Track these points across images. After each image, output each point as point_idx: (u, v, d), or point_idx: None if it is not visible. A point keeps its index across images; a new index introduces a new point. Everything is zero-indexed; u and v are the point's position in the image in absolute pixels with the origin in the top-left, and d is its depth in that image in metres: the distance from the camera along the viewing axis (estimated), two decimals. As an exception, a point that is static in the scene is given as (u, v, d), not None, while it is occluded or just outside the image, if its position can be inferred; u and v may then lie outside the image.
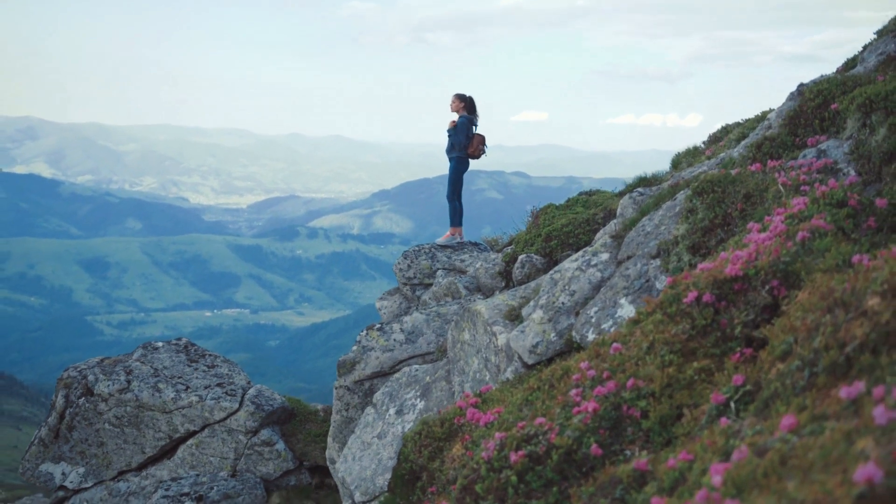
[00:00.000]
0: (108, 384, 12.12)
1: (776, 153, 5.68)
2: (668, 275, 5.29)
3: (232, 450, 11.82)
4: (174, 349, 13.20)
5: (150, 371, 12.40)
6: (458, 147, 13.27)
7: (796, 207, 4.24)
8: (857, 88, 5.44)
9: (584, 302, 5.88)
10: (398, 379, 7.78)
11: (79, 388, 12.44)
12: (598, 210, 8.91)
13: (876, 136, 4.99)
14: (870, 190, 4.95)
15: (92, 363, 12.97)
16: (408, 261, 12.40)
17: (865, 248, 3.71)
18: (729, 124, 9.65)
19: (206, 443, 11.89)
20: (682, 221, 5.38)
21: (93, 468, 12.39)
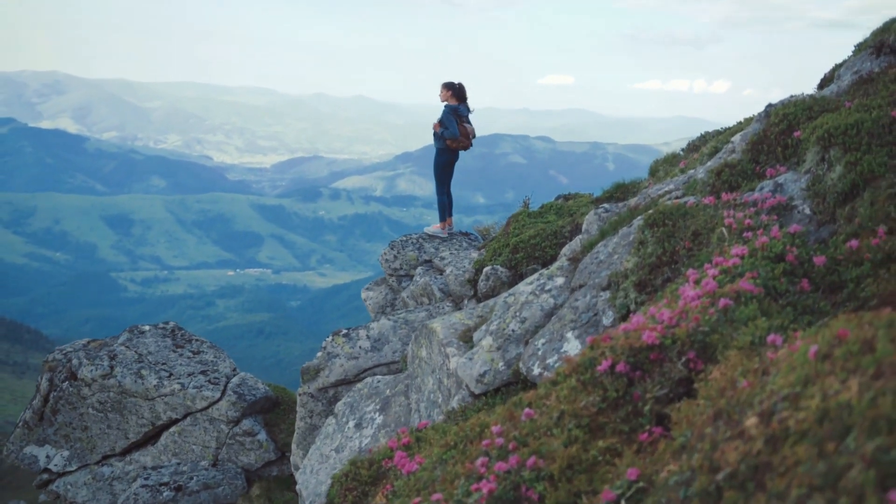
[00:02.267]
0: (91, 369, 12.08)
1: (735, 182, 5.41)
2: (614, 311, 5.07)
3: (214, 438, 11.77)
4: (161, 333, 13.13)
5: (135, 356, 12.33)
6: (442, 138, 12.78)
7: (731, 261, 4.00)
8: (821, 117, 5.15)
9: (534, 330, 5.66)
10: (360, 390, 7.61)
11: (63, 372, 12.41)
12: (567, 222, 8.62)
13: (832, 173, 4.71)
14: (823, 231, 4.69)
15: (78, 346, 12.93)
16: (394, 251, 12.19)
17: (789, 320, 3.48)
18: (708, 132, 9.31)
19: (188, 431, 11.84)
20: (634, 253, 5.14)
21: (77, 452, 12.39)
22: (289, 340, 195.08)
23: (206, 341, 13.29)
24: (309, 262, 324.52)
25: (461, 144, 12.83)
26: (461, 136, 12.67)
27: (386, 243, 13.37)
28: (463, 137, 12.73)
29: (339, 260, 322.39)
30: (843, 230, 4.47)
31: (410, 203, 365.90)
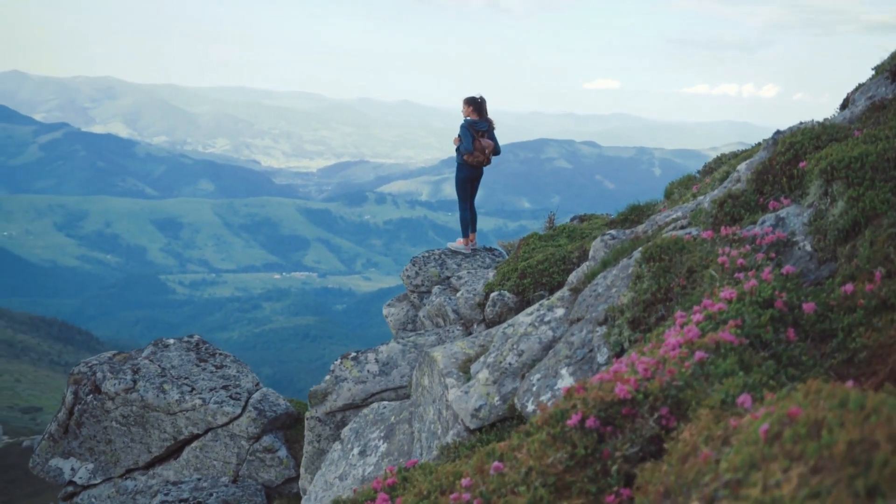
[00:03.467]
0: (114, 383, 12.15)
1: (738, 213, 5.20)
2: (609, 348, 4.91)
3: (234, 454, 11.76)
4: (184, 347, 13.17)
5: (158, 370, 12.38)
6: (462, 152, 12.65)
7: (716, 306, 3.82)
8: (827, 147, 4.93)
9: (531, 364, 5.51)
10: (366, 415, 7.51)
11: (87, 385, 12.49)
12: (576, 247, 8.42)
13: (834, 209, 4.50)
14: (824, 269, 4.47)
15: (103, 358, 13.02)
16: (416, 267, 12.09)
17: (769, 375, 3.29)
18: (724, 154, 9.07)
19: (209, 446, 11.85)
20: (630, 288, 4.97)
21: (101, 465, 12.47)
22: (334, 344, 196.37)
23: (229, 355, 13.30)
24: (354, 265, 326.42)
25: (477, 159, 12.64)
26: (476, 151, 12.49)
27: (431, 247, 13.28)
28: (478, 153, 12.53)
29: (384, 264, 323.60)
30: (842, 270, 4.26)
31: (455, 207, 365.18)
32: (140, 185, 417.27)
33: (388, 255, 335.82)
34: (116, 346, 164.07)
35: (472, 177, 13.11)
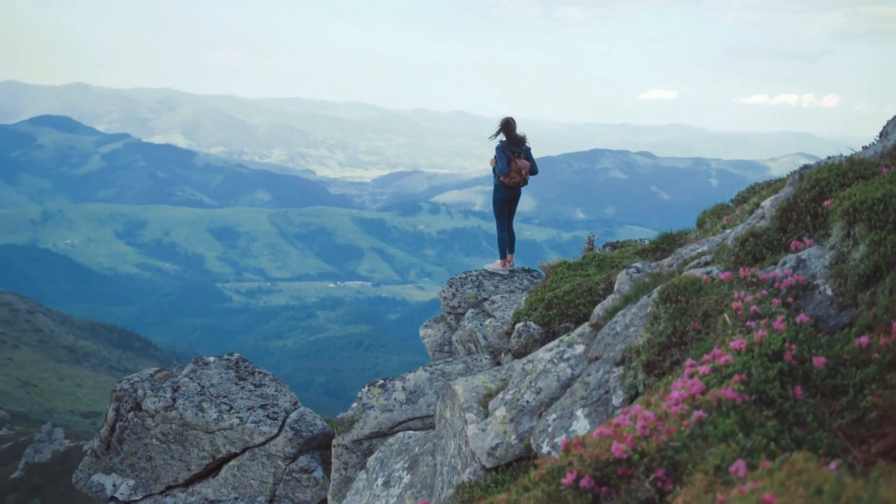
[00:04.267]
0: (154, 401, 12.30)
1: (760, 253, 5.06)
2: (624, 391, 4.81)
3: (271, 474, 11.82)
4: (224, 365, 13.29)
5: (197, 388, 12.51)
6: (498, 174, 12.61)
7: (723, 358, 3.71)
8: (853, 185, 4.77)
9: (549, 402, 5.42)
10: (391, 445, 7.47)
11: (128, 402, 12.67)
12: (603, 277, 8.27)
13: (856, 252, 4.35)
14: (844, 316, 4.32)
15: (144, 375, 13.20)
16: (452, 289, 12.04)
17: (770, 437, 3.18)
18: (758, 183, 8.84)
19: (246, 465, 11.93)
20: (647, 329, 4.86)
21: (142, 481, 12.63)
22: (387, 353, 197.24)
23: (268, 374, 13.39)
24: (408, 275, 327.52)
25: (512, 180, 12.56)
26: (512, 172, 12.43)
27: (485, 258, 13.24)
28: (514, 174, 12.46)
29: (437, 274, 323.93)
30: (861, 319, 4.11)
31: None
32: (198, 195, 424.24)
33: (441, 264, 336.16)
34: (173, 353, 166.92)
35: (509, 197, 13.04)
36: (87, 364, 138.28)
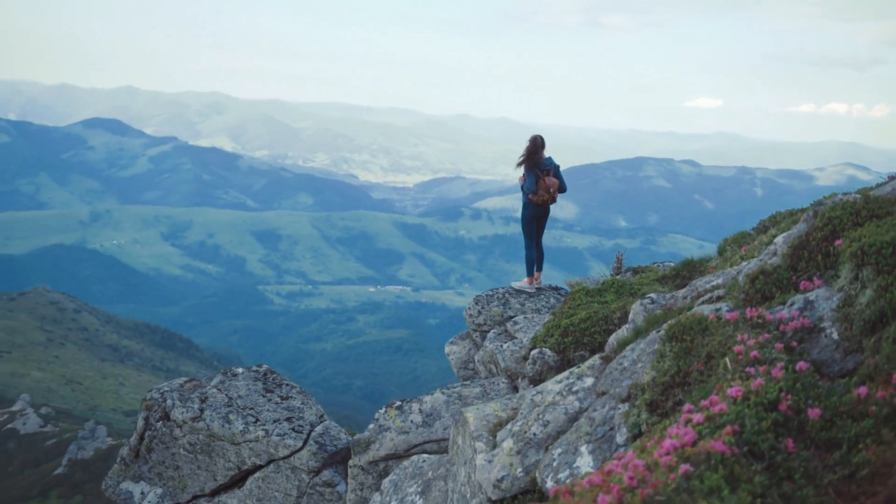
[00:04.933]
0: (182, 411, 12.45)
1: (769, 291, 4.99)
2: (628, 429, 4.77)
3: (295, 487, 11.90)
4: (252, 377, 13.41)
5: (225, 400, 12.64)
6: (526, 191, 12.61)
7: (718, 407, 3.67)
8: (864, 226, 4.69)
9: (556, 435, 5.39)
10: (405, 468, 7.49)
11: (157, 412, 12.85)
12: (619, 306, 8.20)
13: (863, 296, 4.28)
14: (849, 361, 4.25)
15: (174, 385, 13.36)
16: (479, 306, 12.03)
17: (757, 494, 3.14)
18: (780, 213, 8.69)
19: (271, 478, 12.03)
20: (653, 366, 4.83)
21: (169, 490, 12.78)
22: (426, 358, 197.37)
23: (295, 386, 13.48)
24: (448, 280, 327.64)
25: (542, 198, 12.54)
26: (541, 190, 12.41)
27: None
28: (542, 192, 12.44)
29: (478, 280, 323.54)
30: (863, 367, 4.04)
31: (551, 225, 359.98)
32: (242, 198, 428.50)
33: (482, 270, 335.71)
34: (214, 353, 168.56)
35: (538, 215, 13.02)
36: (130, 363, 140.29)
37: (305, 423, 12.49)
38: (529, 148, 12.59)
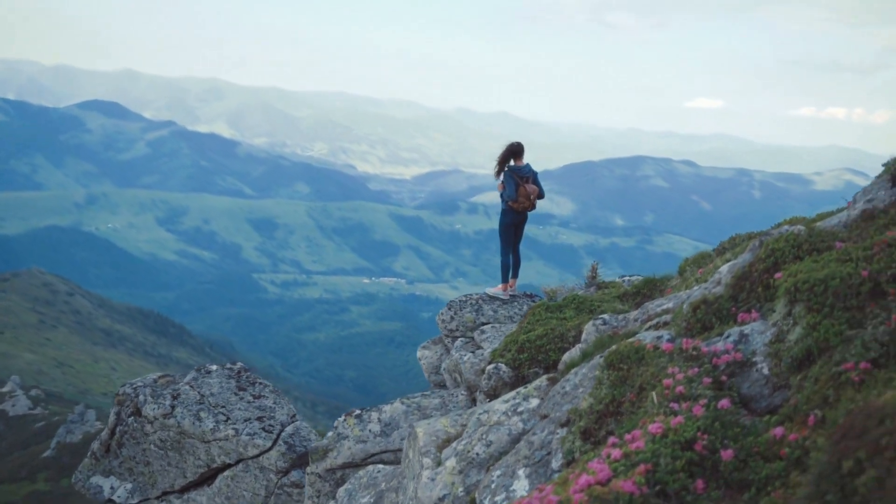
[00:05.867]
0: (153, 407, 12.48)
1: (709, 322, 5.02)
2: (563, 455, 4.82)
3: (263, 487, 11.94)
4: (226, 374, 13.44)
5: (196, 397, 12.66)
6: (506, 199, 12.63)
7: (635, 444, 3.71)
8: (804, 260, 4.73)
9: (498, 456, 5.42)
10: (360, 478, 7.52)
11: (129, 407, 12.88)
12: (575, 325, 8.21)
13: (793, 333, 4.32)
14: (776, 397, 4.29)
15: (148, 380, 13.39)
16: (451, 312, 12.04)
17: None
18: (740, 235, 8.71)
19: (240, 477, 12.07)
20: (591, 393, 4.86)
21: (139, 485, 12.83)
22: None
23: (268, 385, 13.51)
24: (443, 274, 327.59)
25: (522, 205, 12.57)
26: (521, 197, 12.42)
27: (522, 259, 13.22)
28: (523, 199, 12.45)
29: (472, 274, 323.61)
30: (785, 406, 4.09)
31: (547, 221, 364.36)
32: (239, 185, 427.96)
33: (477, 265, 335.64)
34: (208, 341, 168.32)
35: (517, 222, 13.04)
36: (122, 348, 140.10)
37: (276, 422, 12.53)
38: (504, 153, 12.60)
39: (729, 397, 4.09)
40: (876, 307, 4.13)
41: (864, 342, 3.91)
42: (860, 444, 2.68)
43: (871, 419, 2.70)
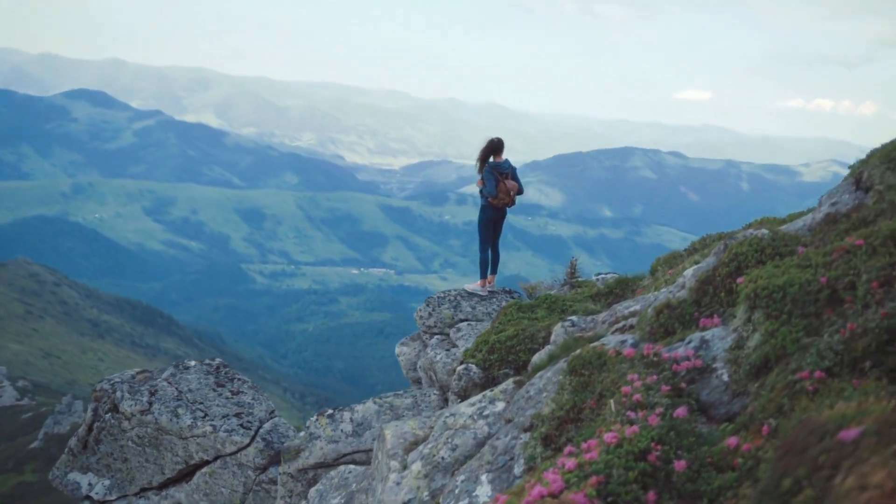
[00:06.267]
0: (131, 403, 12.43)
1: (672, 326, 5.01)
2: (525, 461, 4.81)
3: (241, 483, 11.91)
4: (205, 370, 13.39)
5: (174, 393, 12.62)
6: (486, 195, 12.61)
7: (589, 454, 3.70)
8: (766, 265, 4.72)
9: (463, 460, 5.41)
10: (332, 478, 7.51)
11: (107, 403, 12.82)
12: (546, 325, 8.18)
13: (752, 340, 4.32)
14: (735, 404, 4.29)
15: (125, 376, 13.32)
16: (429, 308, 12.03)
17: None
18: (710, 235, 8.70)
19: (218, 473, 12.03)
20: (554, 398, 4.86)
21: (117, 482, 12.77)
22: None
23: (247, 381, 13.47)
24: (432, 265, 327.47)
25: (502, 201, 12.58)
26: (501, 193, 12.43)
27: (509, 250, 13.19)
28: (503, 195, 12.46)
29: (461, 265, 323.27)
30: (741, 415, 4.09)
31: (536, 212, 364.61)
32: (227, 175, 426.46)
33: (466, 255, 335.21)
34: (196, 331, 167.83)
35: (496, 218, 13.04)
36: (109, 338, 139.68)
37: (255, 419, 12.49)
38: (485, 149, 12.59)
39: (686, 405, 4.08)
40: (833, 314, 4.13)
41: (819, 351, 3.91)
42: (801, 462, 2.68)
43: (812, 435, 2.70)
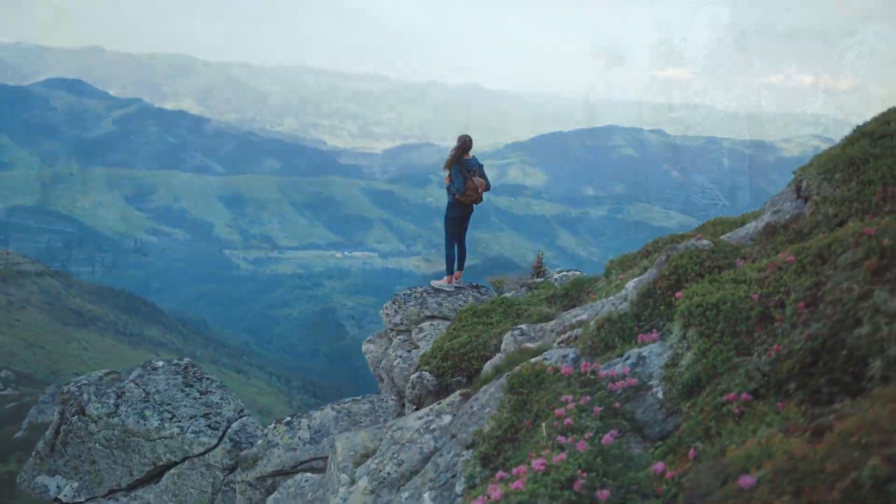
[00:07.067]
0: (97, 406, 12.38)
1: (612, 341, 4.99)
2: (466, 479, 4.79)
3: (210, 484, 11.90)
4: (173, 370, 13.35)
5: (141, 395, 12.57)
6: (454, 192, 12.61)
7: (514, 484, 3.68)
8: (704, 279, 4.70)
9: (409, 476, 5.39)
10: (288, 487, 7.49)
11: (74, 406, 12.77)
12: (496, 333, 8.14)
13: (685, 359, 4.30)
14: (669, 423, 4.28)
15: (93, 378, 13.27)
16: (395, 305, 12.00)
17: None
18: (661, 238, 8.68)
19: (186, 474, 12.02)
20: (495, 416, 4.84)
21: (86, 484, 12.73)
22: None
23: (215, 380, 13.43)
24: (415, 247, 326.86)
25: (470, 198, 12.60)
26: (469, 190, 12.43)
27: (494, 231, 13.15)
28: (471, 192, 12.48)
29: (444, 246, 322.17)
30: (671, 437, 4.07)
31: (519, 192, 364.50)
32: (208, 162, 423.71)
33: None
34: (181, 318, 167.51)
35: (463, 215, 13.04)
36: (93, 327, 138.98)
37: (223, 419, 12.47)
38: (458, 149, 12.60)
39: (618, 428, 4.07)
40: (763, 333, 4.11)
41: (747, 371, 3.89)
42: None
43: (716, 479, 2.68)
